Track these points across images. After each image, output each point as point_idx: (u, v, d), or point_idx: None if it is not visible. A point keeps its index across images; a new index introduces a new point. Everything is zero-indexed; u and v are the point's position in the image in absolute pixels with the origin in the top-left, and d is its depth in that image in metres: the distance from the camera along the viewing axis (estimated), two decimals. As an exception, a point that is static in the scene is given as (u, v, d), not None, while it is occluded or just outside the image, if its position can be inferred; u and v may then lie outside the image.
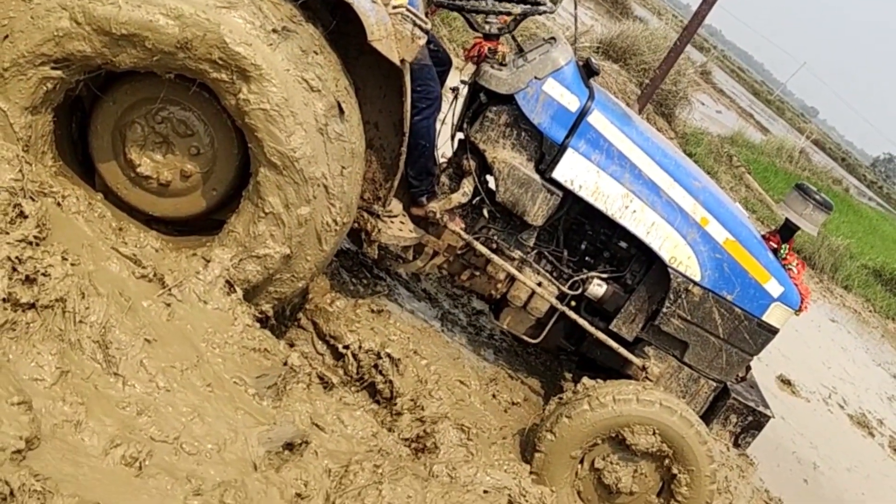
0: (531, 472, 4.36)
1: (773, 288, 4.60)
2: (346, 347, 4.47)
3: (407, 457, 3.98)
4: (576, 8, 5.14)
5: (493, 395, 4.99)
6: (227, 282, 3.69)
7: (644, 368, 4.74)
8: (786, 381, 9.24)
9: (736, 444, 4.87)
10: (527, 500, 3.93)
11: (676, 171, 4.56)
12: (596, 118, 4.43)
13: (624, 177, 4.48)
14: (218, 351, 3.40)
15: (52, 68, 3.40)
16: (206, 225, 4.04)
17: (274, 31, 3.48)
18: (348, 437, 3.78)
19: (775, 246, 4.75)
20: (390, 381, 4.50)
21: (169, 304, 3.35)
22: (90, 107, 3.81)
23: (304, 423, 3.57)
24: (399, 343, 4.64)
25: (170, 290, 3.37)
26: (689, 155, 17.07)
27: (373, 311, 4.69)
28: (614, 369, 4.90)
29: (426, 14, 4.31)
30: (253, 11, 3.46)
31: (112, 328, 3.10)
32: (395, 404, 4.49)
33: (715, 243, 4.56)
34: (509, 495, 3.88)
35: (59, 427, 2.77)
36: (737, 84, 53.88)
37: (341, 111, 3.70)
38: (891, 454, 9.90)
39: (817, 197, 4.61)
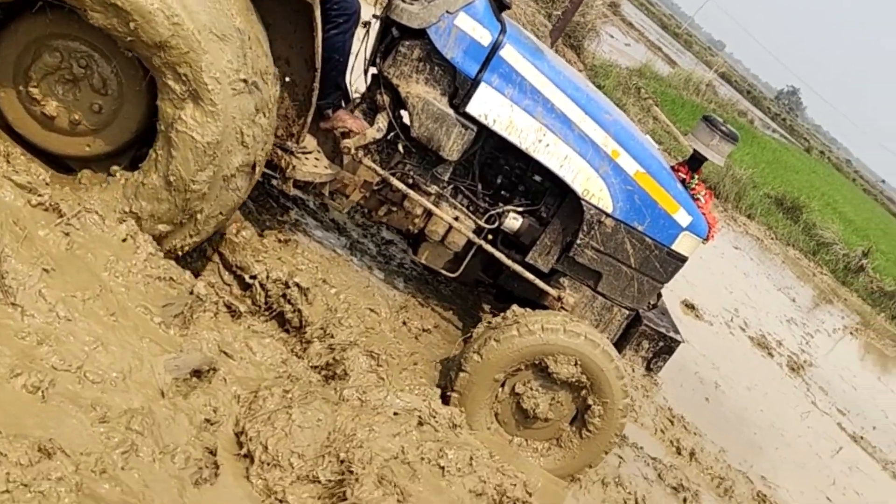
0: (453, 391, 4.48)
1: (682, 218, 4.71)
2: (254, 277, 4.44)
3: (317, 383, 4.00)
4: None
5: (404, 323, 5.03)
6: (130, 212, 3.64)
7: (559, 299, 4.82)
8: (690, 306, 9.52)
9: (648, 369, 5.02)
10: (437, 421, 3.99)
11: (588, 104, 4.60)
12: (508, 52, 4.43)
13: (537, 111, 4.50)
14: (121, 280, 3.35)
15: None
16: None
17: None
18: (257, 364, 3.80)
19: (684, 176, 4.84)
20: (299, 311, 4.50)
21: (67, 234, 3.28)
22: None
23: (211, 350, 3.58)
24: (307, 272, 4.62)
25: (68, 219, 3.30)
26: (598, 87, 17.18)
27: (280, 240, 4.66)
28: (532, 300, 4.96)
29: None
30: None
31: (7, 258, 3.03)
32: (305, 333, 4.49)
33: (626, 175, 4.63)
34: (419, 416, 3.93)
35: (-43, 357, 2.73)
36: (646, 17, 54.40)
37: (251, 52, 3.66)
38: (788, 373, 10.32)
39: (723, 128, 4.72)
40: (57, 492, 2.53)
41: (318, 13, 3.91)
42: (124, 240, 3.47)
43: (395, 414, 3.87)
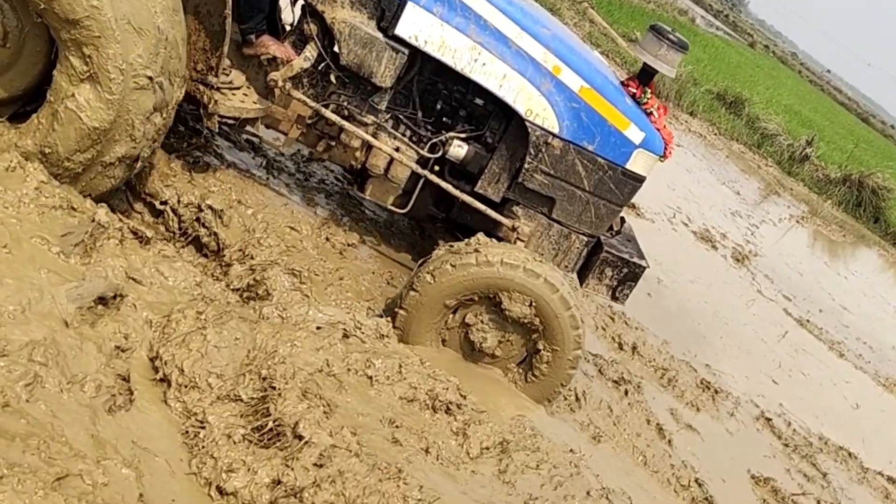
0: (401, 308, 4.37)
1: (634, 134, 4.54)
2: (164, 203, 4.34)
3: (235, 303, 3.94)
4: None
5: (327, 239, 4.93)
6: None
7: (514, 229, 4.67)
8: (629, 205, 9.52)
9: (614, 298, 4.89)
10: (363, 332, 3.94)
11: (523, 18, 4.43)
12: None
13: (469, 28, 4.33)
14: (11, 211, 3.24)
15: None
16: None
17: None
18: (169, 289, 3.71)
19: (634, 91, 4.66)
20: (215, 234, 4.41)
21: (-52, 167, 3.17)
22: None
23: (118, 277, 3.48)
24: (220, 194, 4.53)
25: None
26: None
27: (189, 163, 4.54)
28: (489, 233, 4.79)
29: None
30: None
31: None
32: (224, 256, 4.41)
33: (570, 92, 4.45)
34: (344, 329, 3.88)
35: None
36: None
37: None
38: (733, 264, 10.43)
39: (672, 37, 4.52)
40: (-49, 428, 2.46)
41: None
42: (10, 168, 3.34)
43: (319, 328, 3.81)
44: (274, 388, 3.33)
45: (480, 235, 4.47)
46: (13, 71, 3.70)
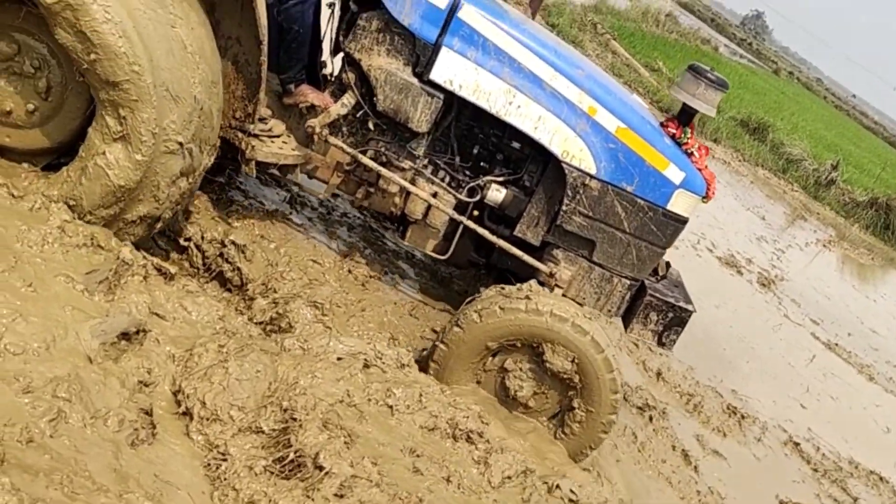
0: (442, 342, 4.36)
1: (674, 174, 4.44)
2: (188, 240, 4.41)
3: (257, 336, 3.99)
4: None
5: (349, 271, 4.99)
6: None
7: (552, 275, 4.59)
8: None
9: (660, 343, 4.75)
10: (383, 362, 3.98)
11: (557, 60, 4.43)
12: (467, 13, 4.30)
13: (503, 71, 4.35)
14: (36, 249, 3.31)
15: None
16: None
17: None
18: (192, 323, 3.76)
19: (674, 131, 4.56)
20: (238, 269, 4.48)
21: (-27, 207, 3.25)
22: None
23: (141, 313, 3.53)
24: (244, 229, 4.60)
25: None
26: (552, 27, 17.14)
27: (213, 200, 4.62)
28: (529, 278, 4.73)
29: None
30: None
31: (-87, 238, 2.99)
32: (247, 290, 4.47)
33: (606, 133, 4.40)
34: (365, 359, 3.92)
35: None
36: (600, -45, 53.86)
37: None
38: (759, 289, 10.37)
39: (710, 76, 4.43)
40: (-24, 464, 2.50)
41: None
42: (34, 209, 3.42)
43: (339, 359, 3.85)
44: (295, 419, 3.35)
45: (533, 283, 4.44)
46: (51, 124, 3.81)
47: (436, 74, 4.36)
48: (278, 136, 4.48)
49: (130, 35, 3.44)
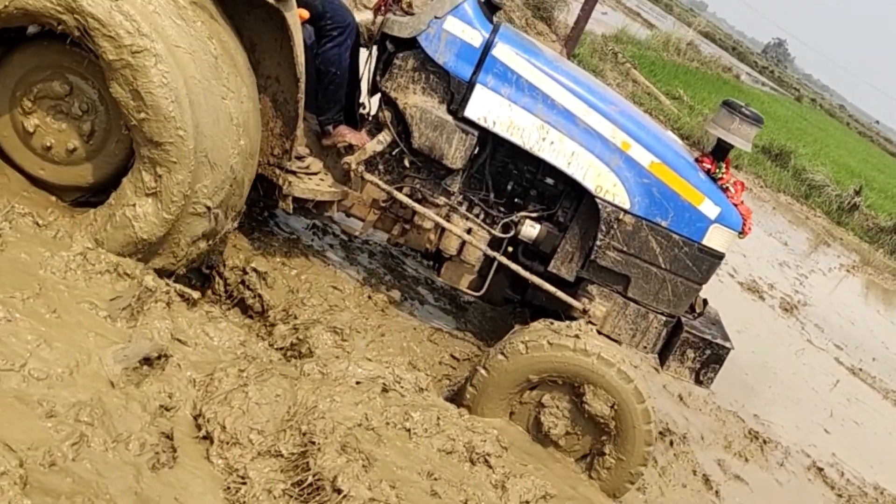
0: (484, 368, 4.35)
1: (709, 209, 4.43)
2: (210, 267, 4.47)
3: (277, 361, 4.03)
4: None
5: (369, 297, 5.02)
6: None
7: (586, 311, 4.57)
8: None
9: (698, 381, 4.71)
10: (402, 386, 4.01)
11: (590, 96, 4.46)
12: (501, 51, 4.36)
13: (537, 108, 4.39)
14: (59, 276, 3.38)
15: None
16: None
17: None
18: (214, 349, 3.81)
19: (709, 167, 4.55)
20: (259, 295, 4.54)
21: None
22: None
23: (163, 338, 3.59)
24: (264, 257, 4.66)
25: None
26: (573, 57, 17.20)
27: (234, 228, 4.68)
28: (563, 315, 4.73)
29: None
30: None
31: (-59, 265, 3.06)
32: (268, 317, 4.53)
33: (640, 167, 4.41)
34: (384, 383, 3.95)
35: None
36: (622, -15, 54.08)
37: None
38: (781, 314, 10.33)
39: (745, 111, 4.43)
40: (0, 486, 2.54)
41: (290, 17, 3.96)
42: (57, 237, 3.49)
43: (358, 383, 3.89)
44: (314, 442, 3.39)
45: (583, 322, 4.43)
46: (88, 165, 3.93)
47: (470, 111, 4.40)
48: (315, 174, 4.56)
49: (182, 102, 3.58)
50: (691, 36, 35.33)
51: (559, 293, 4.62)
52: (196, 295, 4.03)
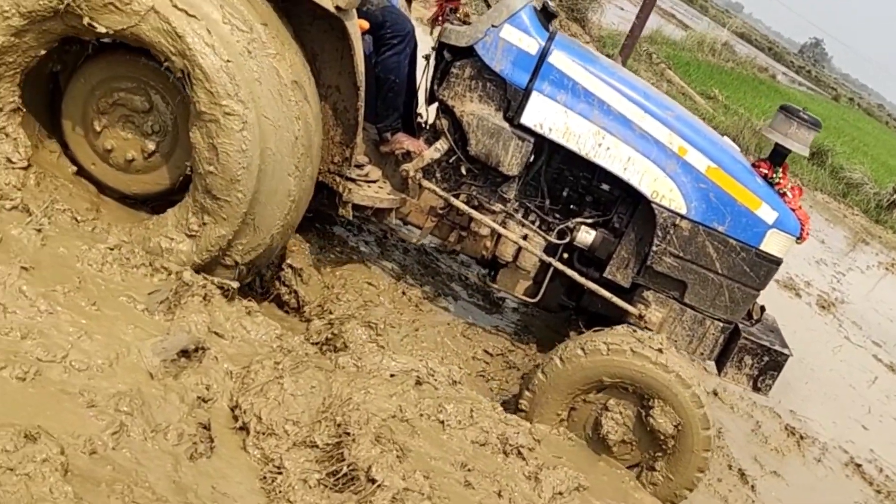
0: (558, 357, 4.32)
1: (767, 214, 4.42)
2: (247, 265, 4.53)
3: (313, 354, 4.07)
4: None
5: (403, 293, 5.07)
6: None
7: (642, 317, 4.61)
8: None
9: (756, 388, 4.69)
10: (435, 379, 4.03)
11: (646, 102, 4.49)
12: (557, 58, 4.40)
13: (593, 114, 4.42)
14: (95, 269, 3.46)
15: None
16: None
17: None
18: (250, 342, 3.86)
19: (766, 172, 4.56)
20: (295, 292, 4.60)
21: (39, 230, 3.40)
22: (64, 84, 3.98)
23: (201, 331, 3.65)
24: (300, 253, 4.71)
25: (38, 216, 3.41)
26: (607, 57, 17.18)
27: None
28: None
29: None
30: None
31: (-16, 259, 3.13)
32: (303, 312, 4.59)
33: (697, 172, 4.41)
34: (417, 376, 3.98)
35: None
36: (656, -15, 53.81)
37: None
38: (818, 311, 10.24)
39: (803, 116, 4.43)
40: (42, 472, 2.59)
41: (350, 26, 4.02)
42: (94, 230, 3.57)
43: (392, 376, 3.92)
44: (348, 433, 3.41)
45: (665, 336, 4.37)
46: (137, 177, 4.09)
47: (526, 118, 4.45)
48: (374, 181, 4.61)
49: (252, 170, 3.69)
50: (726, 36, 35.04)
51: (615, 299, 4.63)
52: (235, 284, 4.08)
